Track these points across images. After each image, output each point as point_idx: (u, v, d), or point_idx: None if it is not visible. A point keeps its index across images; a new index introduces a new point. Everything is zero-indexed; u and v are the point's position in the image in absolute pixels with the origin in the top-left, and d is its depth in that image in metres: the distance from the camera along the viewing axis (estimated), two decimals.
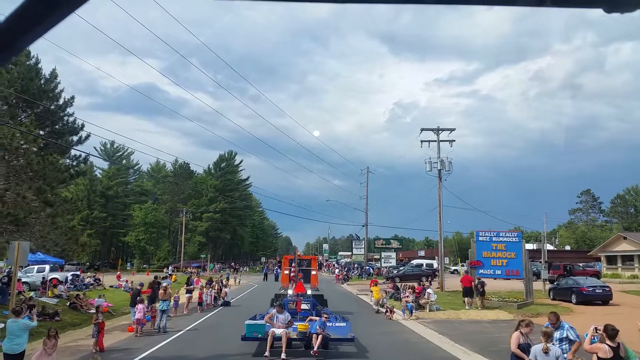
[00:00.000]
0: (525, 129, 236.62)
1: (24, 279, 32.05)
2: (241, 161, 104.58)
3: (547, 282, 35.55)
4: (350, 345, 15.02)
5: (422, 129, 40.05)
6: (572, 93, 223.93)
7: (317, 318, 14.76)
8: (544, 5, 0.90)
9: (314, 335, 13.70)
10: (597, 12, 1.02)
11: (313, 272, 23.82)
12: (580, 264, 50.86)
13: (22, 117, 26.49)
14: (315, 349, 13.49)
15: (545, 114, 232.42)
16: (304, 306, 16.64)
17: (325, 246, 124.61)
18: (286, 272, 22.99)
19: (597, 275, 43.95)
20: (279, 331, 13.80)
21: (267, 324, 14.20)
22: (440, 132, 39.74)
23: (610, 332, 8.19)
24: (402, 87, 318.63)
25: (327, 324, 14.28)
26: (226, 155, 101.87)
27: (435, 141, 39.52)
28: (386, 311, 23.17)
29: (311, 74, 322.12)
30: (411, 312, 22.49)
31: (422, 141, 39.80)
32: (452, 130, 40.07)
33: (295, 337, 14.26)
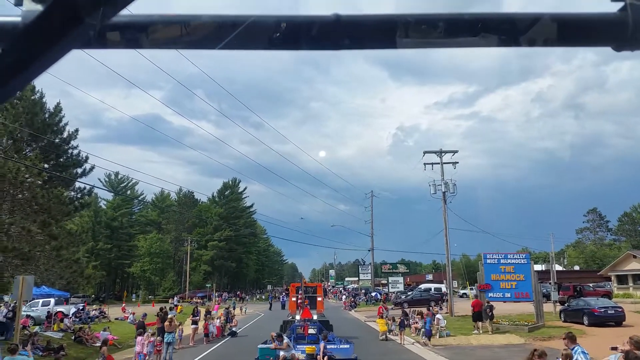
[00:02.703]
0: (529, 149, 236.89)
1: (28, 313, 31.78)
2: (245, 188, 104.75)
3: (558, 304, 34.98)
4: None
5: (425, 152, 40.11)
6: (574, 112, 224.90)
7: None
8: (553, 46, 0.90)
9: (319, 357, 15.16)
10: None
11: (319, 299, 25.08)
12: (591, 284, 50.08)
13: (27, 150, 26.70)
14: None
15: (547, 133, 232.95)
16: (310, 330, 17.92)
17: (332, 272, 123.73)
18: (293, 299, 24.48)
19: (608, 295, 43.22)
20: (288, 354, 14.80)
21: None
22: (443, 154, 39.75)
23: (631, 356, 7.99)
24: (404, 111, 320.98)
25: (331, 345, 15.98)
26: (230, 182, 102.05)
27: (438, 164, 39.50)
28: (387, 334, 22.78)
29: (313, 100, 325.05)
30: (429, 337, 22.00)
31: (425, 164, 39.78)
32: (454, 152, 40.09)
33: (303, 359, 15.56)
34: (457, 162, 39.48)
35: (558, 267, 65.46)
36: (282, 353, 15.04)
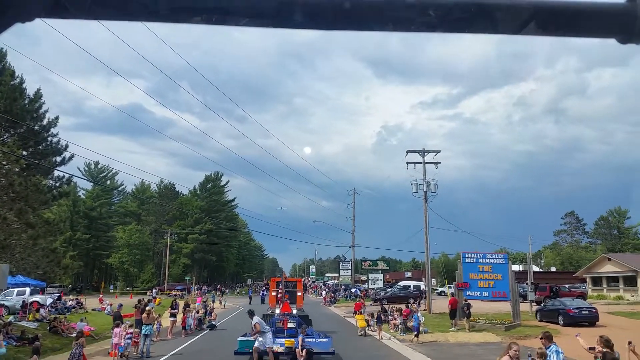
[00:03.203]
0: (510, 152, 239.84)
1: (3, 302, 31.21)
2: (227, 182, 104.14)
3: (534, 304, 35.56)
4: (332, 359, 16.72)
5: (408, 151, 40.32)
6: (555, 117, 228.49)
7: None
8: (555, 35, 0.88)
9: (298, 350, 15.51)
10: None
11: (298, 294, 25.63)
12: (566, 285, 51.03)
13: (5, 137, 26.15)
14: None
15: (528, 136, 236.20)
16: (290, 324, 18.17)
17: (312, 267, 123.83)
18: (273, 293, 24.71)
19: (583, 296, 44.11)
20: (262, 346, 15.15)
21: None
22: (425, 154, 40.01)
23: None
24: (388, 109, 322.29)
25: (310, 339, 16.40)
26: (212, 176, 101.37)
27: (420, 163, 39.75)
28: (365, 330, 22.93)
29: (298, 95, 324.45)
30: (417, 333, 22.15)
31: (407, 163, 40.01)
32: (437, 152, 40.37)
33: (282, 351, 15.89)
34: (439, 162, 39.80)
35: (535, 268, 66.48)
36: (255, 344, 15.14)
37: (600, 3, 0.85)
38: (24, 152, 26.34)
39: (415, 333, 22.12)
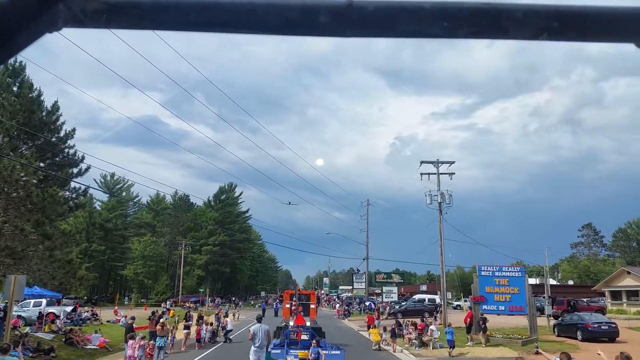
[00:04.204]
0: (525, 162, 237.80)
1: (19, 314, 31.49)
2: (241, 193, 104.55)
3: (552, 318, 34.92)
4: None
5: (422, 162, 40.08)
6: (571, 127, 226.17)
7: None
8: (572, 40, 0.85)
9: None
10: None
11: (312, 306, 25.43)
12: (584, 299, 50.10)
13: (23, 149, 26.56)
14: None
15: (544, 147, 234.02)
16: (303, 337, 18.23)
17: (326, 280, 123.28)
18: (287, 306, 24.77)
19: (602, 311, 43.20)
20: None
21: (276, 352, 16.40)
22: (439, 165, 39.76)
23: None
24: (401, 120, 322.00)
25: (323, 351, 16.50)
26: (226, 187, 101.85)
27: (434, 174, 39.48)
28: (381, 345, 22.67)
29: (312, 106, 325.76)
30: (452, 347, 21.94)
31: (421, 174, 39.75)
32: (451, 163, 40.07)
33: None
34: (454, 173, 39.48)
35: (552, 281, 65.48)
36: (250, 355, 15.58)
37: (617, 7, 0.82)
38: (42, 164, 26.71)
39: (451, 347, 21.89)
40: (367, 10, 0.81)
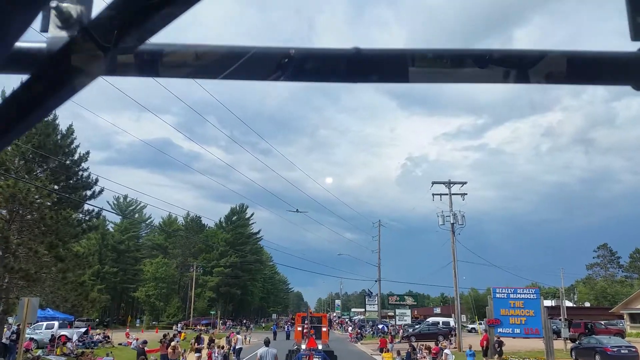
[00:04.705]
0: (538, 182, 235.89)
1: (32, 336, 31.52)
2: (252, 214, 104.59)
3: (568, 341, 34.16)
4: None
5: (433, 182, 39.99)
6: (584, 147, 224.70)
7: None
8: (572, 83, 0.89)
9: None
10: None
11: (324, 329, 25.40)
12: (602, 322, 48.97)
13: (38, 171, 26.94)
14: None
15: (557, 167, 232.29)
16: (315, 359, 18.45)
17: (338, 302, 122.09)
18: (299, 328, 25.01)
19: (621, 334, 42.15)
20: None
21: None
22: (451, 185, 39.59)
23: None
24: (412, 141, 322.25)
25: None
26: (237, 208, 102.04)
27: (446, 194, 39.30)
28: None
29: (322, 128, 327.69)
30: None
31: (433, 194, 39.62)
32: (463, 183, 39.93)
33: None
34: (466, 194, 39.31)
35: (568, 303, 64.23)
36: None
37: (613, 52, 0.87)
38: (55, 186, 27.04)
39: None
40: (374, 58, 0.86)
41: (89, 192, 30.07)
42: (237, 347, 28.93)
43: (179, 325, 63.13)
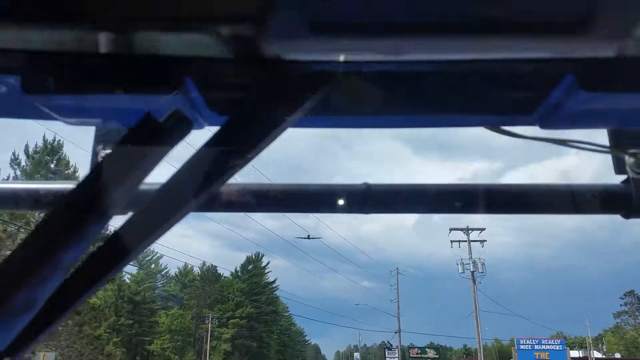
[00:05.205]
0: (560, 228, 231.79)
1: None
2: (268, 263, 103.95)
3: None
4: None
5: (451, 229, 39.57)
6: None
7: None
8: (567, 214, 1.03)
9: None
10: None
11: None
12: None
13: None
14: None
15: None
16: None
17: (357, 355, 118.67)
18: None
19: None
20: None
21: None
22: (470, 232, 39.10)
23: None
24: None
25: None
26: (253, 257, 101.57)
27: (465, 241, 38.78)
28: None
29: (337, 174, 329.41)
30: None
31: (452, 241, 39.14)
32: (481, 230, 39.41)
33: None
34: (485, 241, 38.74)
35: (597, 354, 61.60)
36: None
37: (601, 185, 0.98)
38: None
39: None
40: (382, 193, 0.99)
41: None
42: None
43: None
